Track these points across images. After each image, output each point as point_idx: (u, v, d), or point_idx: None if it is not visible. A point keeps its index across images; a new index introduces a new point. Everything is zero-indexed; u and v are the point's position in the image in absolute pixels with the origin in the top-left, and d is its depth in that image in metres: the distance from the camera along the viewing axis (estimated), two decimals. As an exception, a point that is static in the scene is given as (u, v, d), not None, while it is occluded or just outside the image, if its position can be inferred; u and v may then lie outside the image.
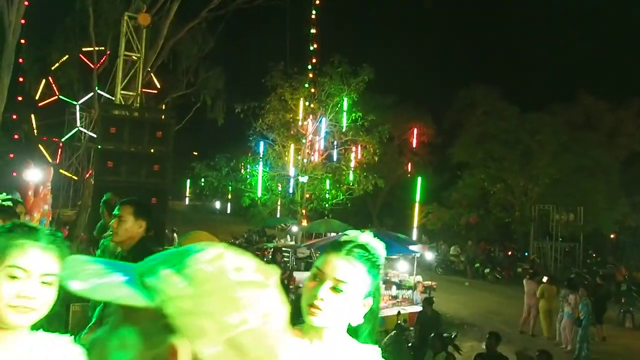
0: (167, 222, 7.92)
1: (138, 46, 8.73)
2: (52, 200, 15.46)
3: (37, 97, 16.43)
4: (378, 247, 1.47)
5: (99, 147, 7.03)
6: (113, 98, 9.64)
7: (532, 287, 12.18)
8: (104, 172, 7.06)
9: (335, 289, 1.35)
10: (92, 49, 14.88)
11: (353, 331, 1.45)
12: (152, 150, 7.19)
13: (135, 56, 8.90)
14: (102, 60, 15.31)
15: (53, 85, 16.65)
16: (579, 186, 23.04)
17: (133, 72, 9.06)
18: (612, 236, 25.68)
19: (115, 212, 3.21)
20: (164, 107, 15.52)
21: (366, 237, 1.47)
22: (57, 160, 13.85)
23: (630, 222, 23.85)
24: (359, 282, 1.38)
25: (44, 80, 16.48)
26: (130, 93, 9.09)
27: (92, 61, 15.51)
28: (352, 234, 1.49)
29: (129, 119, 7.27)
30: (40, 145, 15.13)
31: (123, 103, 8.96)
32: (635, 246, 24.16)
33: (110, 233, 3.42)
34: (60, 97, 16.05)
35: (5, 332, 1.32)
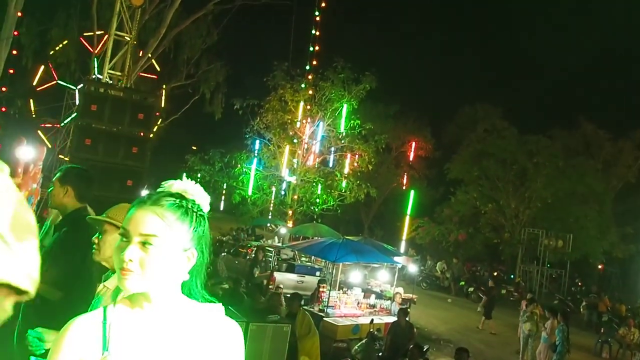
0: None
1: (130, 27, 8.67)
2: (43, 181, 15.34)
3: (34, 83, 16.24)
4: (197, 194, 1.32)
5: (78, 122, 6.92)
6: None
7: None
8: (80, 148, 6.93)
9: (144, 244, 1.20)
10: (92, 33, 14.79)
11: (187, 290, 1.32)
12: (132, 132, 7.08)
13: (127, 37, 8.83)
14: (102, 44, 15.24)
15: (52, 70, 16.50)
16: (570, 212, 22.95)
17: (123, 53, 8.96)
18: (599, 266, 25.53)
19: None
20: (158, 94, 15.37)
21: (181, 185, 1.32)
22: (56, 145, 13.74)
23: (618, 254, 23.69)
24: (173, 233, 1.23)
25: (42, 67, 16.32)
26: (118, 73, 8.99)
27: (92, 45, 15.42)
28: (166, 184, 1.33)
29: (111, 98, 7.16)
30: (39, 132, 15.02)
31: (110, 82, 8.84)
32: (621, 278, 23.98)
33: None
34: (59, 82, 15.87)
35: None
